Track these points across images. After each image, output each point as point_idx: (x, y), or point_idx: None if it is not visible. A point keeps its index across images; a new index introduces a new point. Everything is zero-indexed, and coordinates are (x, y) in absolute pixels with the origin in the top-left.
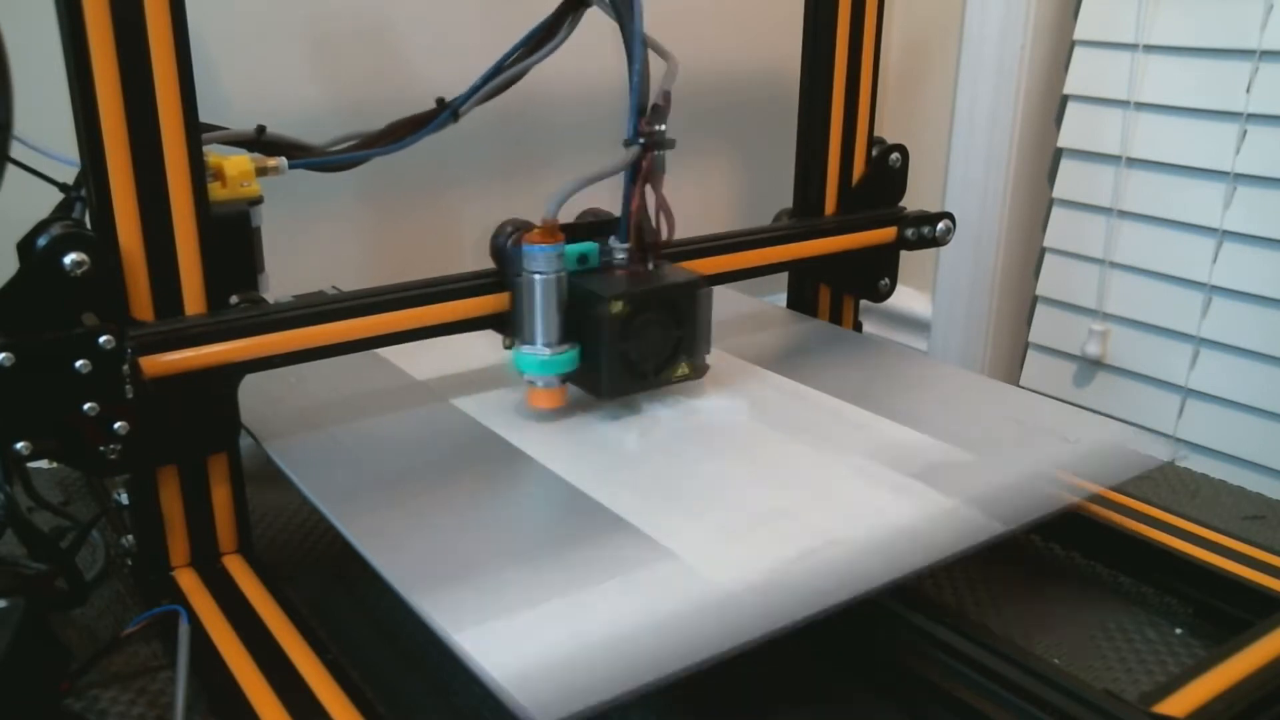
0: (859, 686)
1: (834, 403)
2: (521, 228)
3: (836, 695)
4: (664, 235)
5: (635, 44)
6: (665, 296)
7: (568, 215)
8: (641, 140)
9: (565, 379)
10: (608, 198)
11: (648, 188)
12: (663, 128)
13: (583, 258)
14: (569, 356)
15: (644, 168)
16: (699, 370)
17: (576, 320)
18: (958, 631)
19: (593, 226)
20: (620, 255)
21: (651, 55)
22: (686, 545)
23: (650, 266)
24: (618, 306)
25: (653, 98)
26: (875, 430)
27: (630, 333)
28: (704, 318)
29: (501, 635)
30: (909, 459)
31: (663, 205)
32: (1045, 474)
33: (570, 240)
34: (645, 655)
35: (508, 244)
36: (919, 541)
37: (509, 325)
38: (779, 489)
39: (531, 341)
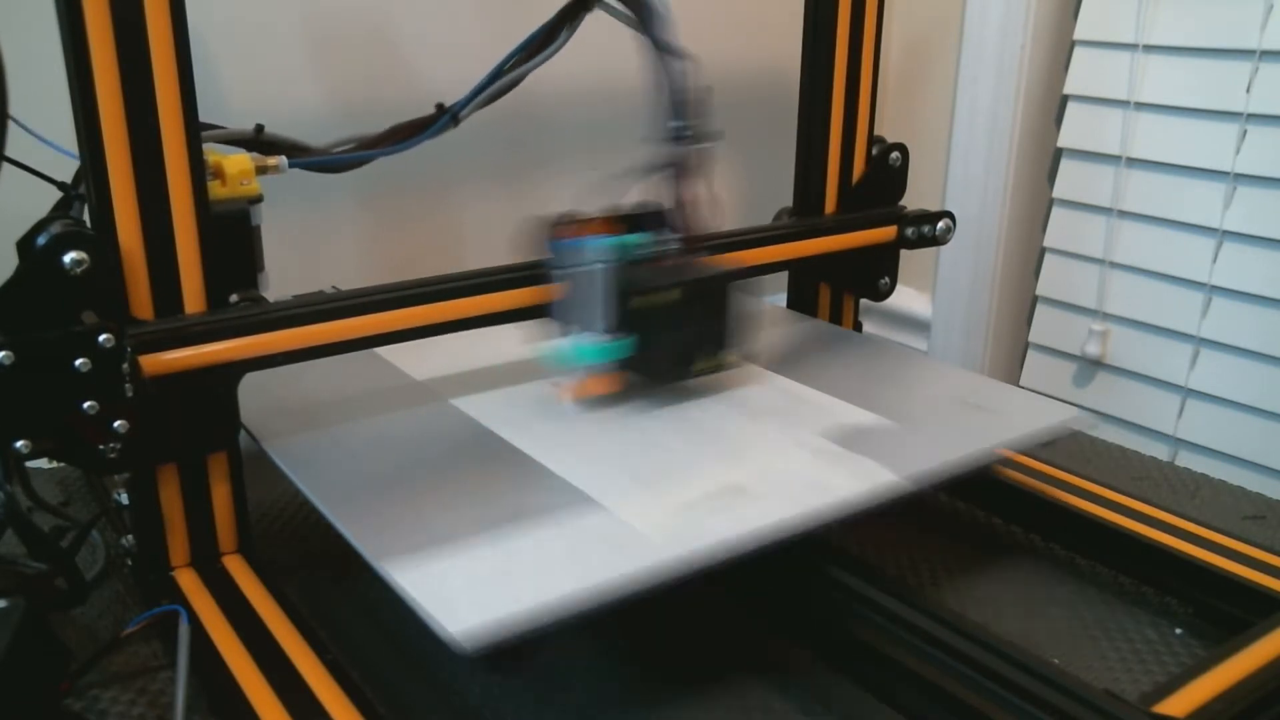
0: (859, 686)
1: (825, 399)
2: (579, 220)
3: (836, 695)
4: (713, 226)
5: (670, 39)
6: (714, 285)
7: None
8: (687, 134)
9: (621, 366)
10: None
11: (697, 180)
12: (704, 121)
13: (635, 248)
14: (625, 343)
15: (691, 161)
16: (745, 357)
17: (630, 308)
18: (958, 631)
19: (643, 218)
20: (670, 246)
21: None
22: (635, 511)
23: (696, 257)
24: (672, 294)
25: (690, 94)
26: (839, 417)
27: (681, 320)
28: (750, 306)
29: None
30: (854, 437)
31: (711, 197)
32: (960, 439)
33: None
34: (571, 588)
35: (568, 235)
36: (831, 494)
37: (560, 315)
38: (738, 467)
39: (592, 330)
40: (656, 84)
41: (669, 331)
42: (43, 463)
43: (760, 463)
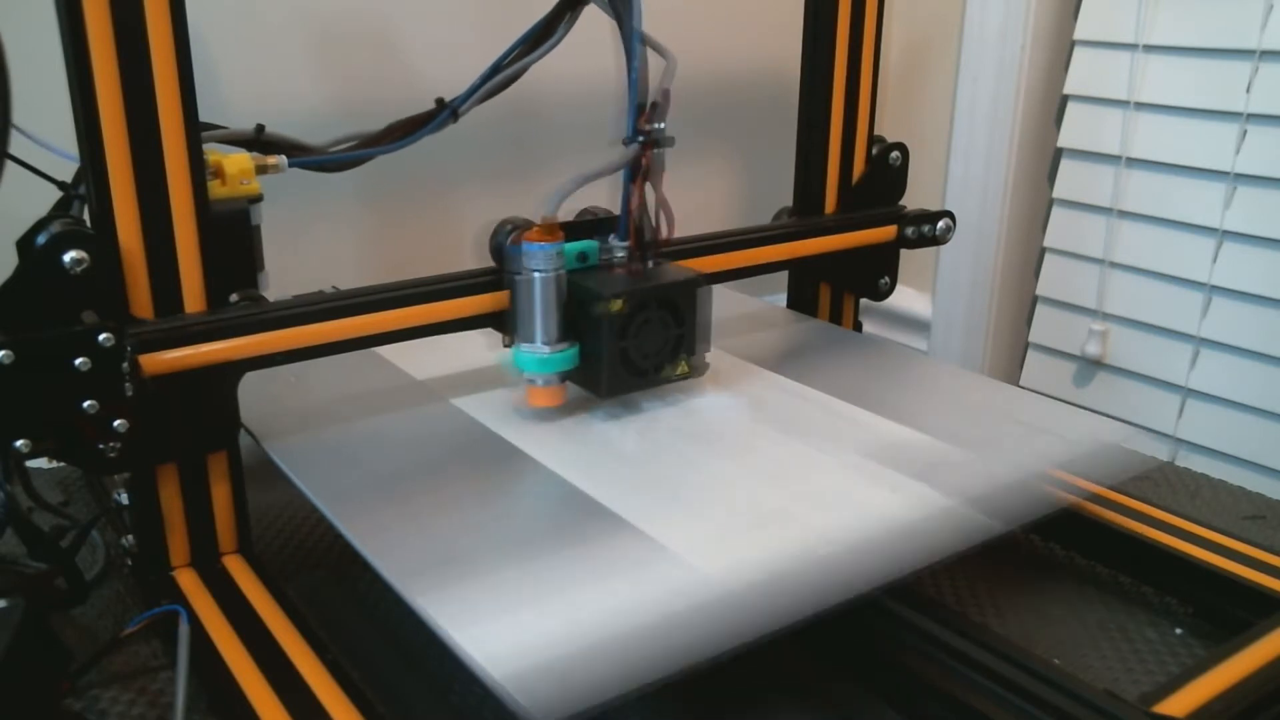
0: (859, 686)
1: (834, 402)
2: (521, 226)
3: (836, 695)
4: (663, 233)
5: (633, 41)
6: (664, 295)
7: (567, 213)
8: (640, 138)
9: (565, 377)
10: (607, 196)
11: (647, 186)
12: (662, 125)
13: (582, 256)
14: (569, 354)
15: (643, 165)
16: (698, 369)
17: (576, 318)
18: (958, 631)
19: (592, 225)
20: (619, 253)
21: (650, 53)
22: (685, 544)
23: (649, 265)
24: (617, 305)
25: (651, 95)
26: (874, 429)
27: (630, 331)
28: (704, 316)
29: (501, 634)
30: (907, 458)
31: (662, 203)
32: (1043, 474)
33: (569, 238)
34: (644, 654)
35: (507, 242)
36: (916, 541)
37: (508, 324)
38: (777, 487)
39: (531, 340)
40: (624, 82)
41: (613, 343)
42: (43, 463)
43: (822, 492)
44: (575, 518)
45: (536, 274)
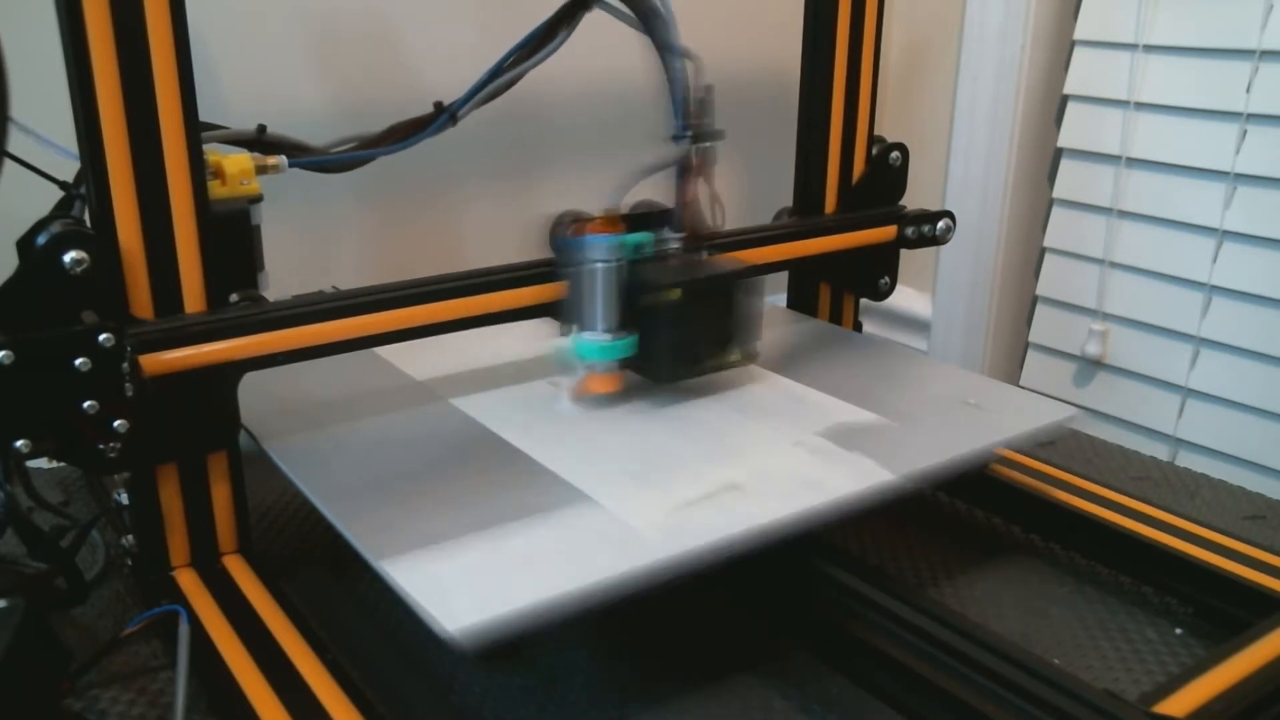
0: (858, 686)
1: (824, 399)
2: (581, 218)
3: (836, 695)
4: (715, 225)
5: (672, 40)
6: (719, 284)
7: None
8: (689, 134)
9: (624, 365)
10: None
11: (699, 179)
12: (709, 121)
13: (638, 247)
14: (628, 342)
15: (696, 160)
16: (750, 356)
17: (633, 307)
18: (958, 631)
19: (647, 217)
20: (674, 245)
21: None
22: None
23: (703, 255)
24: (674, 293)
25: (694, 93)
26: (838, 416)
27: (685, 319)
28: (755, 305)
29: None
30: (852, 436)
31: (714, 196)
32: (957, 438)
33: (626, 230)
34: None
35: (569, 233)
36: (828, 493)
37: (566, 313)
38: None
39: (593, 328)
40: (660, 83)
41: (670, 331)
42: (43, 463)
43: (758, 462)
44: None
45: (599, 264)
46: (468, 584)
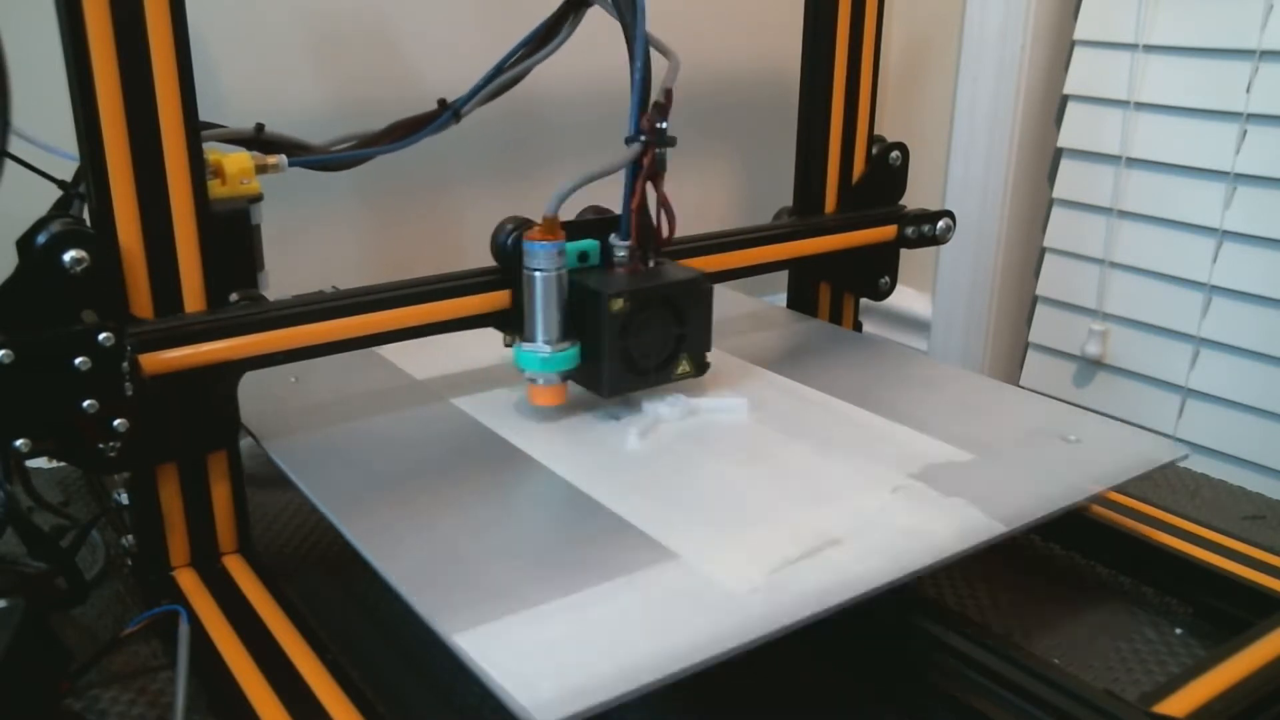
0: (858, 687)
1: (834, 403)
2: (522, 225)
3: (836, 696)
4: (665, 233)
5: (637, 41)
6: (666, 294)
7: (569, 212)
8: (643, 137)
9: (566, 377)
10: (607, 195)
11: (649, 185)
12: (664, 125)
13: (584, 255)
14: (570, 354)
15: (645, 165)
16: (700, 368)
17: (578, 317)
18: (958, 631)
19: (594, 224)
20: (621, 253)
21: (654, 54)
22: (688, 547)
23: (651, 264)
24: (618, 304)
25: (654, 95)
26: (876, 431)
27: (631, 330)
28: (705, 315)
29: (502, 636)
30: (910, 460)
31: (664, 203)
32: (1049, 475)
33: (571, 238)
34: (645, 656)
35: (509, 241)
36: (921, 542)
37: (510, 323)
38: (781, 491)
39: (533, 339)
40: (632, 81)
41: (616, 342)
42: (43, 462)
43: (825, 495)
44: (577, 519)
45: (538, 273)
46: (546, 655)
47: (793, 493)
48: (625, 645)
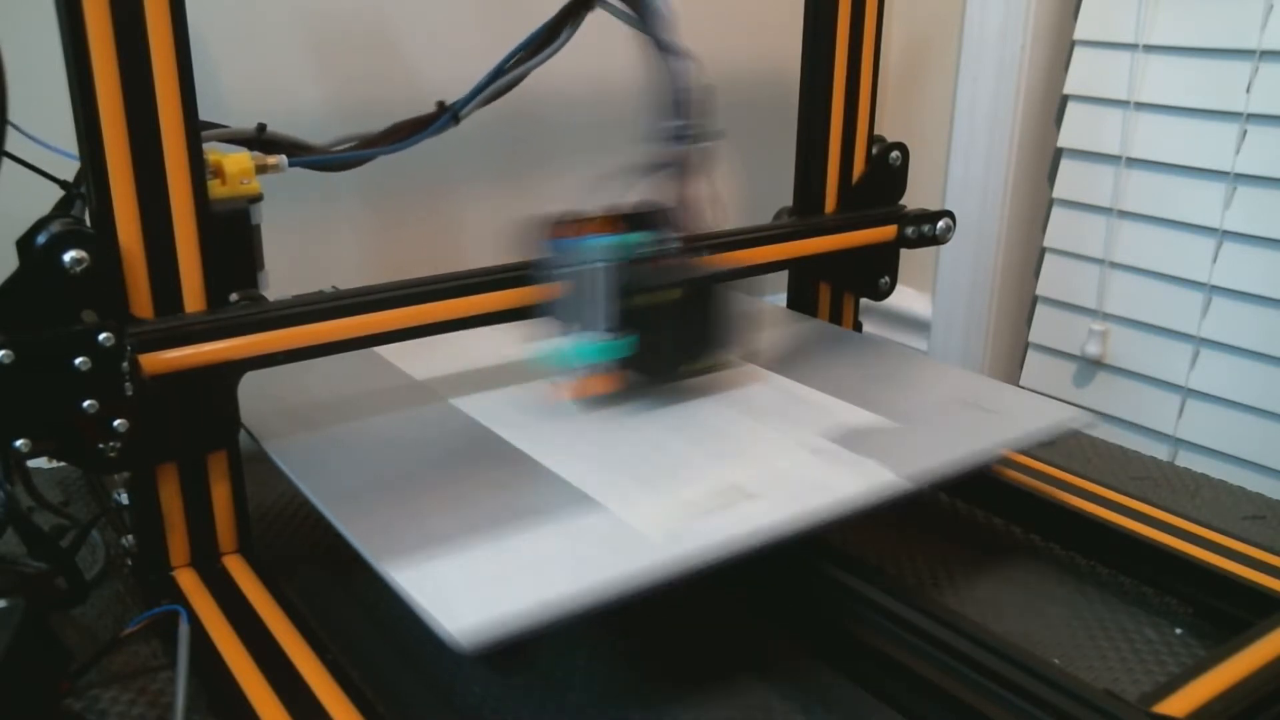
0: (858, 687)
1: (827, 399)
2: (578, 219)
3: (836, 696)
4: (709, 226)
5: (667, 39)
6: (712, 285)
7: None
8: (688, 134)
9: (621, 365)
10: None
11: (698, 179)
12: (705, 122)
13: (634, 247)
14: (627, 342)
15: (691, 160)
16: (743, 357)
17: (623, 308)
18: (958, 631)
19: (641, 217)
20: (668, 245)
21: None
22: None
23: (692, 257)
24: (672, 293)
25: (691, 93)
26: (840, 416)
27: (678, 319)
28: (738, 308)
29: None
30: (855, 437)
31: (710, 197)
32: (963, 438)
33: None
34: (563, 590)
35: (564, 235)
36: (831, 494)
37: (561, 315)
38: (706, 452)
39: (593, 329)
40: (658, 83)
41: (668, 330)
42: (43, 462)
43: (760, 462)
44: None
45: (600, 264)
46: (469, 585)
47: (716, 453)
48: (547, 581)
